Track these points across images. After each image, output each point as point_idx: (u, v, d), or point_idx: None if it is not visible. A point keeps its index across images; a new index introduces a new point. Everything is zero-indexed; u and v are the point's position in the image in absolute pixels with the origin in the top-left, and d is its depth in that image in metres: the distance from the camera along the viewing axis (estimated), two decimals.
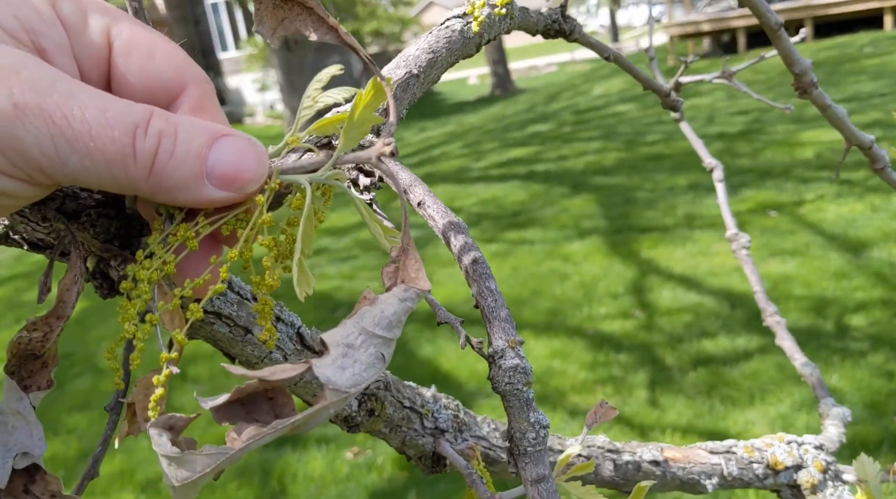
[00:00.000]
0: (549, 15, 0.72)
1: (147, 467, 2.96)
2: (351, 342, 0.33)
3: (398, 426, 0.68)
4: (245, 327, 0.55)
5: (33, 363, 0.41)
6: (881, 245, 4.02)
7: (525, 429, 0.37)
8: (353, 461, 2.87)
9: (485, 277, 0.40)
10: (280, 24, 0.40)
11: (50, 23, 0.35)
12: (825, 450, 0.84)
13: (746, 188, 5.34)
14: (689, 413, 2.91)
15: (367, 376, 0.33)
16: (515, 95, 15.83)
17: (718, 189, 1.06)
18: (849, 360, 3.05)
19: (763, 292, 1.00)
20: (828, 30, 12.68)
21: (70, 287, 0.40)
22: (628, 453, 0.80)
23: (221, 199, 0.36)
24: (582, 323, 3.80)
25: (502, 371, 0.37)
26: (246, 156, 0.36)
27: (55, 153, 0.32)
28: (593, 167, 7.00)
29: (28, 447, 0.39)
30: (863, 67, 9.24)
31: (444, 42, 0.58)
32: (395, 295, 0.35)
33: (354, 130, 0.39)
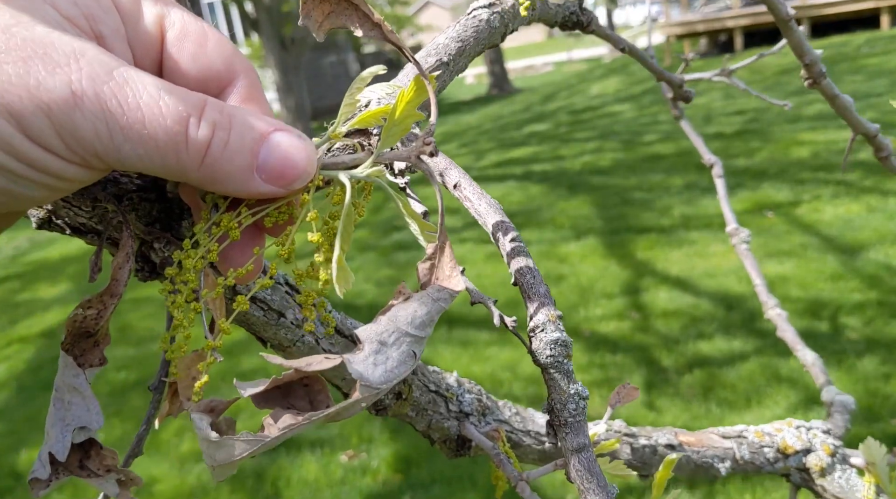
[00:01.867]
0: (567, 6, 0.74)
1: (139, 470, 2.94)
2: (384, 339, 0.34)
3: (424, 410, 0.69)
4: (278, 311, 0.56)
5: (86, 341, 0.42)
6: (877, 246, 4.02)
7: (566, 400, 0.38)
8: (347, 464, 2.86)
9: (523, 254, 0.41)
10: (326, 18, 0.40)
11: (107, 9, 0.36)
12: (833, 434, 0.86)
13: (743, 189, 5.34)
14: (686, 416, 2.90)
15: (399, 372, 0.34)
16: (512, 95, 15.84)
17: (718, 185, 1.07)
18: (845, 362, 3.05)
19: (764, 286, 1.02)
20: (824, 29, 12.70)
21: (122, 265, 0.41)
22: (644, 437, 0.82)
23: (268, 192, 0.37)
24: (578, 324, 3.79)
25: (544, 344, 0.38)
26: (297, 153, 0.37)
27: (110, 139, 0.33)
28: (590, 167, 7.00)
29: (86, 422, 0.41)
30: (859, 67, 9.25)
31: (472, 31, 0.59)
32: (429, 295, 0.36)
33: (395, 127, 0.40)
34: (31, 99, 0.31)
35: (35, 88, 0.31)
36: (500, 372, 3.39)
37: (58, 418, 0.40)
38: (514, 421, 0.76)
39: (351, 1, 0.40)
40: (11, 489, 3.03)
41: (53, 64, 0.32)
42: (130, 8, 0.37)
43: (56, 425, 0.40)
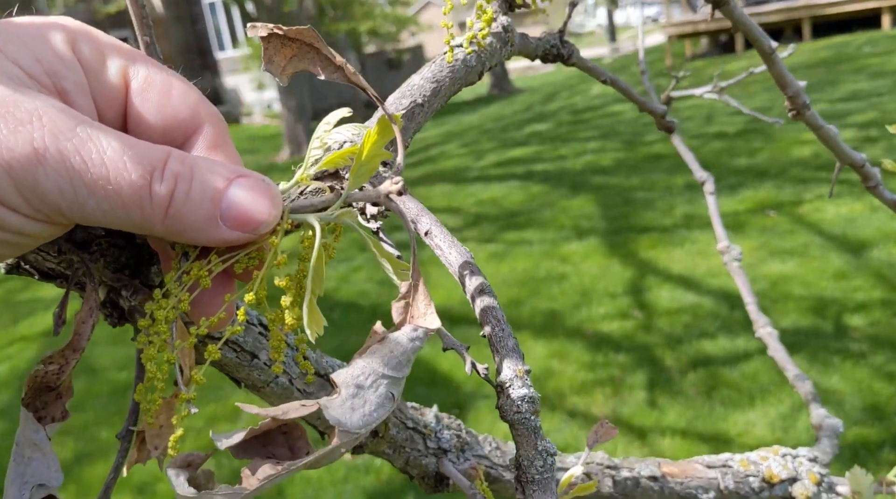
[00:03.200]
0: (547, 40, 0.74)
1: (142, 470, 2.93)
2: (361, 383, 0.34)
3: (402, 447, 0.69)
4: (251, 353, 0.56)
5: (48, 395, 0.42)
6: (881, 245, 4.01)
7: (533, 457, 0.38)
8: (350, 463, 2.85)
9: (491, 306, 0.40)
10: (288, 62, 0.40)
11: (70, 65, 0.36)
12: (819, 462, 0.86)
13: (745, 188, 5.33)
14: (689, 414, 2.89)
15: (377, 416, 0.34)
16: (513, 95, 15.83)
17: (709, 201, 1.06)
18: (849, 361, 3.04)
19: (755, 304, 1.00)
20: (826, 29, 12.69)
21: (86, 320, 0.41)
22: (626, 469, 0.81)
23: (235, 239, 0.37)
24: (580, 324, 3.78)
25: (511, 400, 0.38)
26: (260, 198, 0.37)
27: (74, 196, 0.32)
28: (592, 167, 6.99)
29: (45, 479, 0.40)
30: (861, 67, 9.25)
31: (447, 71, 0.60)
32: (405, 335, 0.36)
33: (363, 167, 0.40)
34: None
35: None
36: None
37: (17, 474, 0.40)
38: (493, 456, 0.75)
39: (312, 45, 0.40)
40: None
41: (16, 122, 0.31)
42: (93, 61, 0.37)
43: (15, 482, 0.39)
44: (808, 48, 11.65)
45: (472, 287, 0.42)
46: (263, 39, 0.40)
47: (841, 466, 2.51)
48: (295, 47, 0.40)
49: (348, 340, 3.92)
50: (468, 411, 3.11)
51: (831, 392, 2.85)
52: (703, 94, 1.05)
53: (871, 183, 0.85)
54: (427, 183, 7.51)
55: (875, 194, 0.86)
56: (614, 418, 2.94)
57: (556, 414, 3.03)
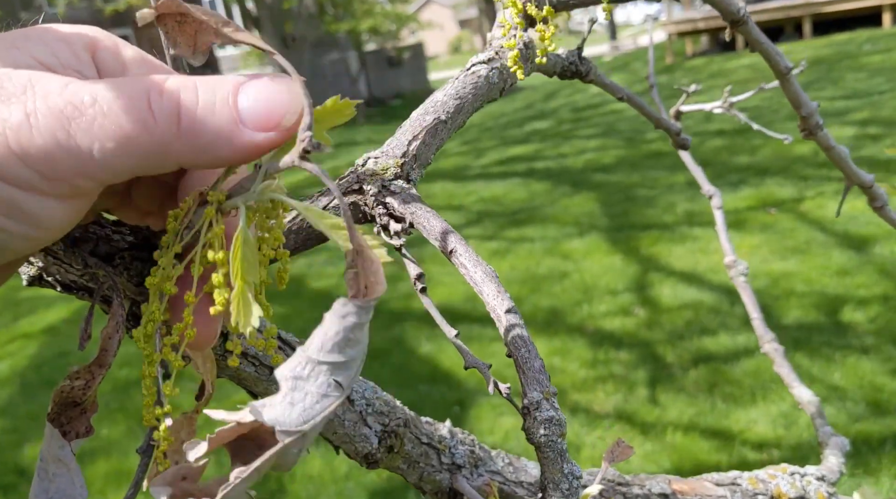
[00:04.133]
0: (566, 57, 0.74)
1: None
2: (298, 374, 0.31)
3: (416, 462, 0.69)
4: (270, 367, 0.55)
5: (73, 410, 0.41)
6: (883, 242, 4.01)
7: (559, 480, 0.38)
8: (351, 460, 2.85)
9: (518, 326, 0.40)
10: (194, 41, 0.38)
11: (86, 65, 0.36)
12: (826, 481, 0.85)
13: (746, 185, 5.33)
14: (691, 411, 2.89)
15: (320, 408, 0.31)
16: (514, 93, 15.83)
17: (717, 216, 1.06)
18: (851, 357, 3.04)
19: (761, 319, 1.00)
20: (826, 27, 12.69)
21: (112, 335, 0.41)
22: (638, 487, 0.81)
23: (266, 141, 0.34)
24: (582, 321, 3.78)
25: (538, 423, 0.37)
26: (276, 89, 0.34)
27: (75, 144, 0.31)
28: (593, 165, 6.99)
29: (69, 495, 0.40)
30: (861, 65, 9.25)
31: (470, 88, 0.59)
32: (335, 313, 0.31)
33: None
34: None
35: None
36: (505, 369, 3.37)
37: (41, 489, 0.39)
38: (506, 472, 0.75)
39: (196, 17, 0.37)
40: (15, 485, 3.02)
41: (7, 95, 0.31)
42: (112, 71, 0.37)
43: (39, 498, 0.39)
44: (809, 46, 11.65)
45: (498, 308, 0.41)
46: (158, 22, 0.37)
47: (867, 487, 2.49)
48: (190, 23, 0.37)
49: None
50: (469, 408, 3.11)
51: (834, 389, 2.85)
52: (713, 109, 1.06)
53: (877, 204, 0.86)
54: (428, 181, 7.51)
55: (882, 215, 0.87)
56: (616, 415, 2.94)
57: None
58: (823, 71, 9.27)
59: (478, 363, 0.45)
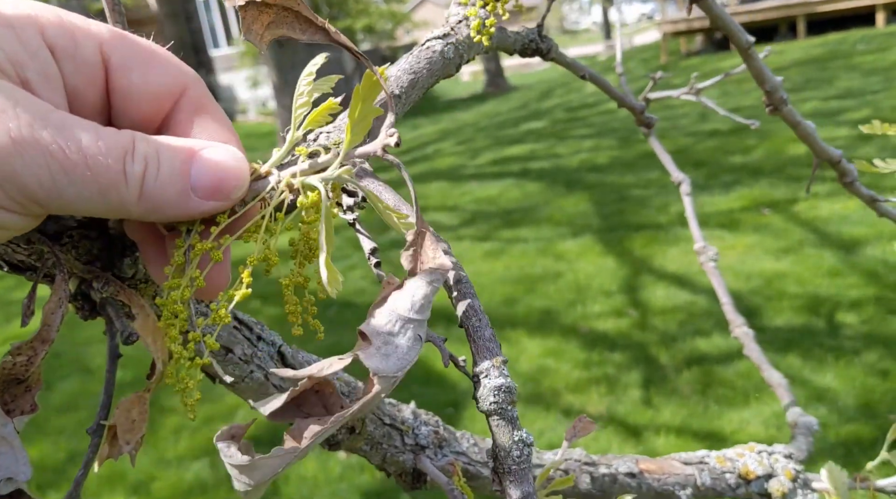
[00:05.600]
0: (526, 35, 0.74)
1: (137, 469, 2.93)
2: (390, 329, 0.35)
3: (379, 443, 0.69)
4: (226, 347, 0.55)
5: (17, 387, 0.41)
6: (874, 243, 4.02)
7: (510, 447, 0.37)
8: (345, 461, 2.85)
9: (469, 296, 0.40)
10: (266, 29, 0.40)
11: (35, 53, 0.36)
12: (794, 459, 0.87)
13: (740, 186, 5.34)
14: (684, 412, 2.90)
15: (410, 358, 0.35)
16: (509, 92, 15.82)
17: (686, 202, 1.07)
18: (842, 358, 3.05)
19: (731, 304, 1.02)
20: (821, 27, 12.70)
21: (55, 311, 0.41)
22: (604, 466, 0.81)
23: (211, 208, 0.38)
24: (575, 322, 3.79)
25: (487, 390, 0.37)
26: (225, 164, 0.38)
27: (52, 184, 0.33)
28: (587, 165, 7.00)
29: (13, 473, 0.40)
30: (855, 64, 9.26)
31: (424, 63, 0.59)
32: (423, 278, 0.37)
33: (357, 125, 0.40)
34: None
35: None
36: None
37: None
38: (471, 452, 0.75)
39: (291, 8, 0.39)
40: None
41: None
42: (64, 44, 0.37)
43: None
44: (803, 45, 11.66)
45: (450, 279, 0.42)
46: (241, 8, 0.39)
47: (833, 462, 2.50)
48: (272, 13, 0.40)
49: (343, 338, 3.92)
50: (463, 409, 3.11)
51: (825, 390, 2.86)
52: (681, 95, 1.06)
53: (847, 179, 0.86)
54: (423, 181, 7.50)
55: (852, 190, 0.87)
56: (609, 417, 2.95)
57: (551, 413, 3.03)
58: (817, 71, 9.29)
59: (433, 337, 0.45)
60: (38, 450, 3.12)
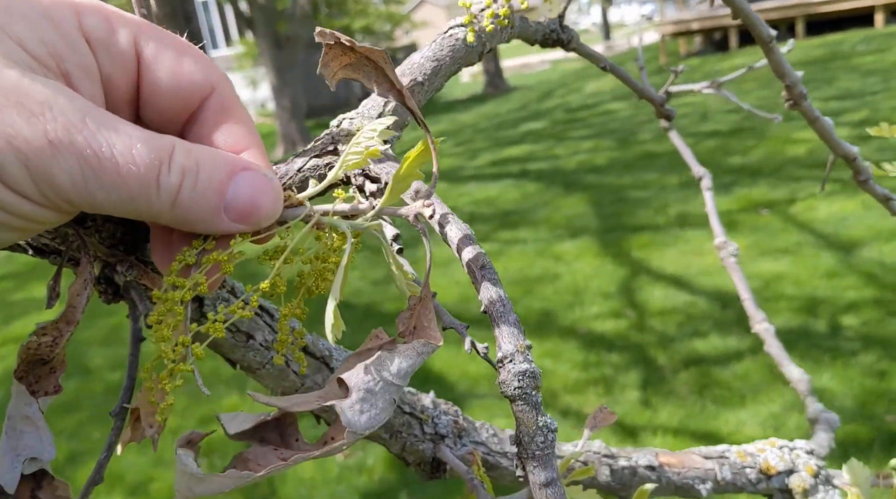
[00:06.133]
0: (547, 25, 0.74)
1: (136, 470, 2.94)
2: (371, 388, 0.36)
3: (398, 432, 0.69)
4: (247, 333, 0.56)
5: (41, 368, 0.42)
6: (872, 244, 4.02)
7: (534, 433, 0.37)
8: (343, 463, 2.86)
9: (494, 282, 0.40)
10: (342, 69, 0.41)
11: (74, 45, 0.37)
12: (816, 455, 0.85)
13: (738, 187, 5.35)
14: (681, 413, 2.90)
15: (381, 418, 0.36)
16: (508, 93, 15.83)
17: (707, 198, 1.06)
18: (840, 359, 3.05)
19: (752, 300, 1.00)
20: (820, 28, 12.71)
21: (80, 292, 0.41)
22: (624, 459, 0.81)
23: (236, 230, 0.38)
24: (574, 323, 3.79)
25: (512, 375, 0.37)
26: (263, 192, 0.38)
27: (85, 187, 0.34)
28: (586, 166, 7.00)
29: (37, 452, 0.40)
30: (854, 65, 9.27)
31: (447, 50, 0.59)
32: (415, 349, 0.38)
33: (399, 184, 0.41)
34: (10, 148, 0.32)
35: (13, 138, 0.32)
36: None
37: (9, 447, 0.40)
38: (491, 443, 0.75)
39: (375, 62, 0.40)
40: None
41: (28, 113, 0.32)
42: (102, 34, 0.38)
43: (7, 455, 0.40)
44: (802, 46, 11.67)
45: (473, 265, 0.41)
46: (327, 46, 0.40)
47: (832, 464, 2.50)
48: (354, 57, 0.40)
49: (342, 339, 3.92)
50: (462, 409, 3.10)
51: (823, 391, 2.87)
52: (702, 89, 1.06)
53: (861, 177, 0.86)
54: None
55: (865, 189, 0.87)
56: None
57: (550, 414, 3.03)
58: (817, 71, 9.29)
59: (455, 324, 0.45)
60: None
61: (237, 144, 0.41)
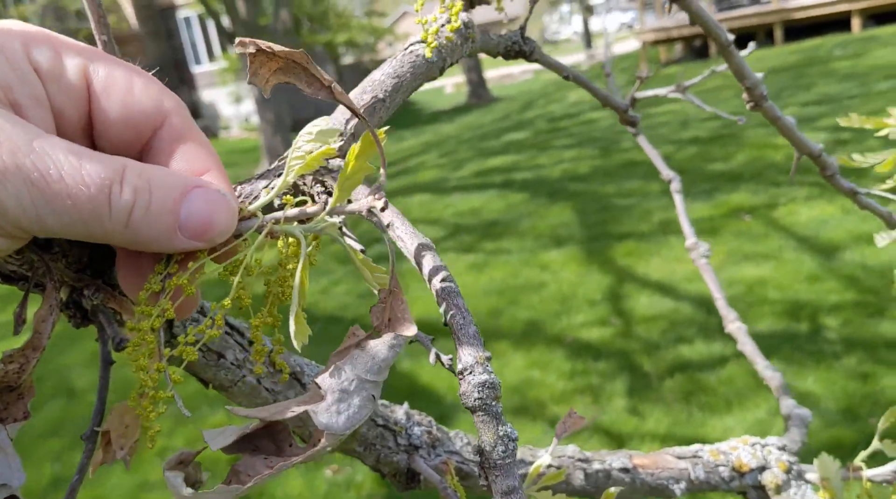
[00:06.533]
0: (509, 37, 0.74)
1: (120, 492, 2.91)
2: (345, 388, 0.36)
3: (372, 444, 0.69)
4: (218, 352, 0.56)
5: (9, 395, 0.41)
6: (853, 247, 4.06)
7: (495, 442, 0.38)
8: (332, 479, 2.84)
9: (453, 294, 0.41)
10: (273, 74, 0.41)
11: (23, 76, 0.36)
12: (788, 450, 0.86)
13: (719, 192, 5.39)
14: (668, 420, 2.91)
15: (360, 417, 0.36)
16: (491, 104, 15.89)
17: (677, 200, 1.07)
18: (823, 362, 3.08)
19: (724, 300, 1.02)
20: (798, 33, 12.86)
21: (45, 318, 0.41)
22: (598, 462, 0.81)
23: (192, 247, 0.38)
24: (560, 332, 3.80)
25: (472, 387, 0.38)
26: (217, 209, 0.38)
27: (34, 212, 0.33)
28: (569, 175, 7.03)
29: (7, 479, 0.40)
30: (832, 70, 9.38)
31: (408, 67, 0.60)
32: (386, 343, 0.38)
33: (347, 181, 0.41)
34: None
35: None
36: None
37: None
38: (465, 452, 0.75)
39: (300, 63, 0.40)
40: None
41: None
42: (50, 65, 0.37)
43: None
44: (780, 52, 11.80)
45: (434, 278, 0.42)
46: (251, 55, 0.40)
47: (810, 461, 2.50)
48: (281, 61, 0.40)
49: (328, 353, 3.91)
50: (449, 423, 3.11)
51: (806, 394, 2.89)
52: (668, 93, 1.07)
53: (828, 172, 0.87)
54: (406, 194, 7.51)
55: (832, 183, 0.88)
56: (595, 426, 2.96)
57: (538, 424, 3.04)
58: (795, 76, 9.39)
59: (420, 337, 0.46)
60: None
61: (196, 167, 0.40)
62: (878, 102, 7.08)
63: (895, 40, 10.28)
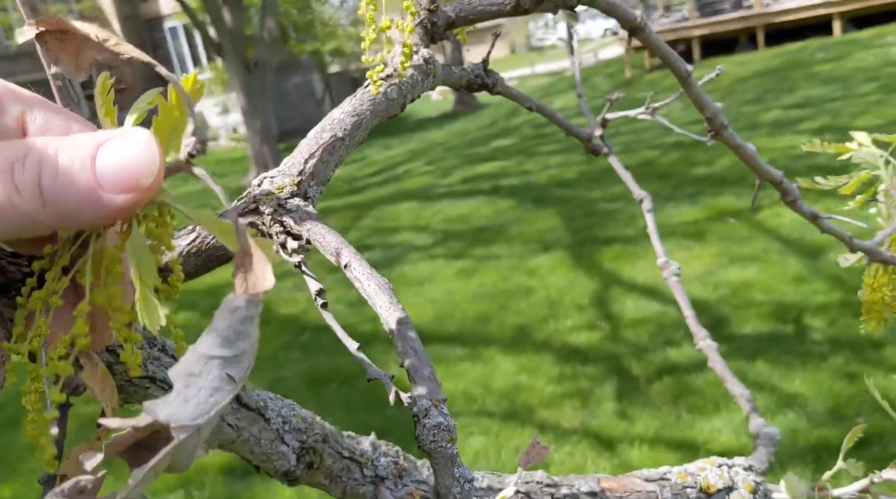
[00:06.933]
0: (471, 70, 0.74)
1: None
2: (191, 371, 0.31)
3: (338, 477, 0.69)
4: (150, 377, 0.54)
5: None
6: (837, 248, 4.08)
7: (451, 484, 0.38)
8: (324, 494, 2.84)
9: (408, 337, 0.41)
10: (76, 57, 0.38)
11: None
12: (755, 471, 0.87)
13: (704, 196, 5.43)
14: (657, 423, 2.93)
15: (213, 402, 0.31)
16: (478, 110, 15.94)
17: (648, 219, 1.09)
18: (810, 364, 3.10)
19: (693, 318, 1.03)
20: (780, 37, 12.98)
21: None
22: (566, 487, 0.82)
23: (128, 202, 0.34)
24: (549, 337, 3.81)
25: (427, 430, 0.38)
26: (130, 150, 0.34)
27: None
28: (556, 180, 7.07)
29: None
30: (814, 73, 9.47)
31: (368, 105, 0.60)
32: (225, 308, 0.32)
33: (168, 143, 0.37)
34: None
35: None
36: (473, 388, 3.40)
37: None
38: (431, 480, 0.74)
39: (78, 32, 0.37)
40: None
41: None
42: None
43: None
44: (763, 56, 11.90)
45: (390, 319, 0.42)
46: (39, 39, 0.37)
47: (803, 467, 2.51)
48: (72, 40, 0.37)
49: (318, 363, 3.91)
50: None
51: (794, 396, 2.91)
52: (637, 115, 1.08)
53: (789, 197, 0.89)
54: (394, 201, 7.52)
55: (794, 209, 0.90)
56: (584, 431, 2.97)
57: (526, 429, 3.05)
58: (777, 80, 9.48)
59: (380, 374, 0.46)
60: (10, 490, 3.08)
61: None
62: (860, 105, 7.16)
63: (875, 43, 10.39)
